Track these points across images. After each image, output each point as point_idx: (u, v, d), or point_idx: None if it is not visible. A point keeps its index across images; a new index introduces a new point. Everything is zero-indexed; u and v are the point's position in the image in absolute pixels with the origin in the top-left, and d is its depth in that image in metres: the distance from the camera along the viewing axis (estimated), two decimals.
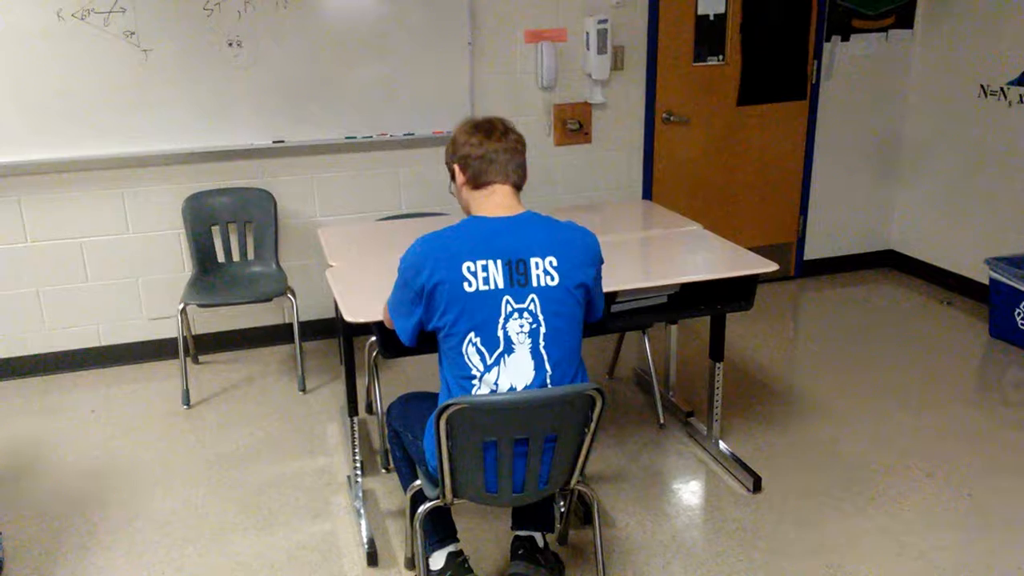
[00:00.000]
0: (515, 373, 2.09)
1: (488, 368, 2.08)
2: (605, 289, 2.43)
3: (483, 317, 2.06)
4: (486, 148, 2.16)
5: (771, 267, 2.83)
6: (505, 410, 2.03)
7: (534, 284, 2.08)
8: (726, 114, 4.77)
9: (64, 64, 3.65)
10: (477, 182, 2.18)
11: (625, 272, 2.83)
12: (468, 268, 2.05)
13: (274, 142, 4.01)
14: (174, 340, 4.05)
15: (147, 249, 4.06)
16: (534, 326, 2.08)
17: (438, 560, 2.41)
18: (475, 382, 2.09)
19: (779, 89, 4.82)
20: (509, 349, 2.07)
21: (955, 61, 4.73)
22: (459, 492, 2.17)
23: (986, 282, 4.44)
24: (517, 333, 2.07)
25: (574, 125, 4.48)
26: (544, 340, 2.09)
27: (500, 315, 2.06)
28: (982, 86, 4.57)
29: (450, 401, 1.97)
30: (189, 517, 2.92)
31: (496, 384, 2.08)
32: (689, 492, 3.03)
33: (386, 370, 3.98)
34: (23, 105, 3.65)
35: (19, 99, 3.64)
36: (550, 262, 2.09)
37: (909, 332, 4.41)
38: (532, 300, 2.08)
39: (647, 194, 4.76)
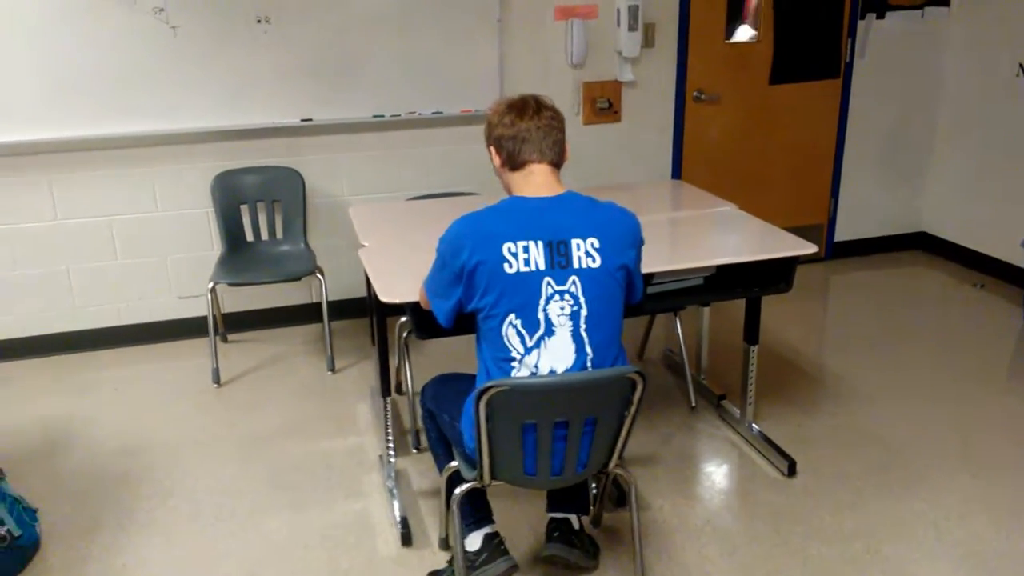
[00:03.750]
0: (555, 356, 2.06)
1: (528, 350, 2.05)
2: (646, 271, 2.40)
3: (524, 299, 2.03)
4: (519, 128, 2.13)
5: (810, 248, 2.78)
6: (546, 392, 2.01)
7: (575, 266, 2.05)
8: (758, 93, 4.70)
9: (92, 41, 3.64)
10: (513, 163, 2.15)
11: (661, 253, 2.79)
12: (509, 249, 2.02)
13: (302, 120, 3.99)
14: (203, 319, 4.05)
15: (176, 228, 4.06)
16: (575, 308, 2.05)
17: (474, 541, 2.40)
18: (515, 364, 2.07)
19: (812, 67, 4.74)
20: (550, 331, 2.05)
21: (992, 39, 4.62)
22: (497, 474, 2.16)
23: (1021, 265, 4.37)
24: (558, 315, 2.04)
25: (603, 103, 4.43)
26: (585, 323, 2.06)
27: (541, 297, 2.03)
28: (1021, 65, 4.47)
29: (490, 383, 1.95)
30: (221, 496, 2.93)
31: (536, 367, 2.06)
32: (722, 475, 3.01)
33: (416, 351, 3.97)
34: (51, 83, 3.64)
35: (47, 77, 3.63)
36: (592, 243, 2.06)
37: (942, 315, 4.35)
38: (573, 282, 2.05)
39: (676, 174, 4.70)
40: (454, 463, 2.33)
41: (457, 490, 2.26)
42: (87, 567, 2.59)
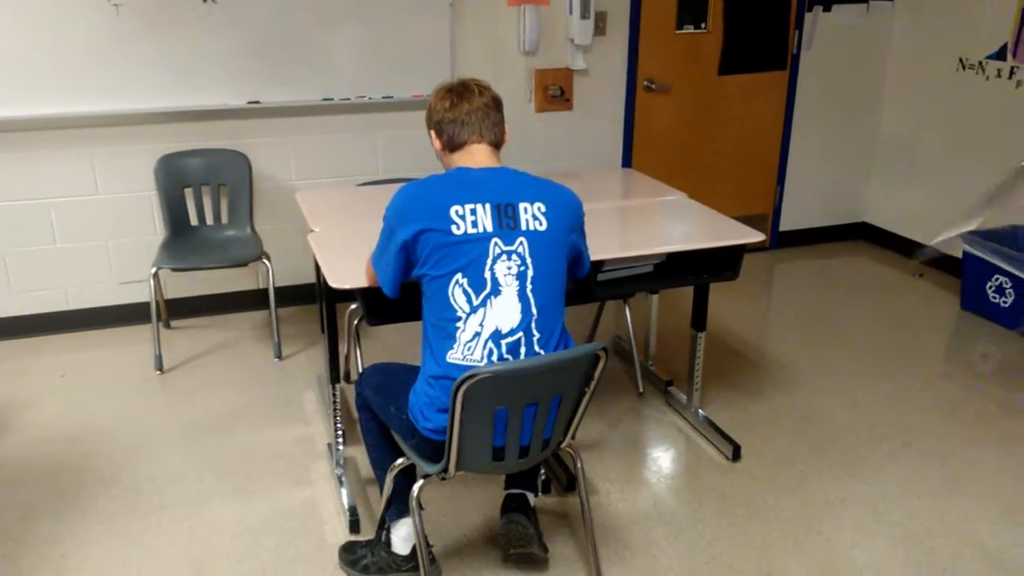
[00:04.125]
0: (501, 315, 2.06)
1: (475, 309, 2.06)
2: (593, 257, 2.41)
3: (470, 259, 2.04)
4: (458, 111, 2.16)
5: (758, 237, 2.83)
6: (523, 376, 2.00)
7: (523, 228, 2.07)
8: (707, 83, 4.75)
9: (31, 18, 3.51)
10: (453, 145, 2.18)
11: (611, 241, 2.81)
12: (456, 212, 2.04)
13: (249, 103, 3.92)
14: (145, 304, 3.97)
15: (117, 211, 3.95)
16: (522, 269, 2.07)
17: (403, 542, 2.41)
18: (459, 324, 2.07)
19: (760, 59, 4.80)
20: (496, 290, 2.06)
21: (934, 34, 4.74)
22: (462, 464, 2.12)
23: (957, 255, 4.50)
24: (504, 275, 2.06)
25: (555, 91, 4.43)
26: (532, 283, 2.08)
27: (488, 257, 2.05)
28: (960, 59, 4.59)
29: (472, 372, 1.92)
30: (165, 484, 2.88)
31: (481, 326, 2.06)
32: (669, 460, 3.05)
33: (366, 337, 3.94)
34: None
35: None
36: (538, 208, 2.09)
37: (882, 303, 4.46)
38: (521, 243, 2.07)
39: (627, 162, 4.73)
40: (400, 460, 2.30)
41: (415, 487, 2.23)
42: (22, 557, 2.52)
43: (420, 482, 2.23)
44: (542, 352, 2.11)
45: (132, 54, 3.69)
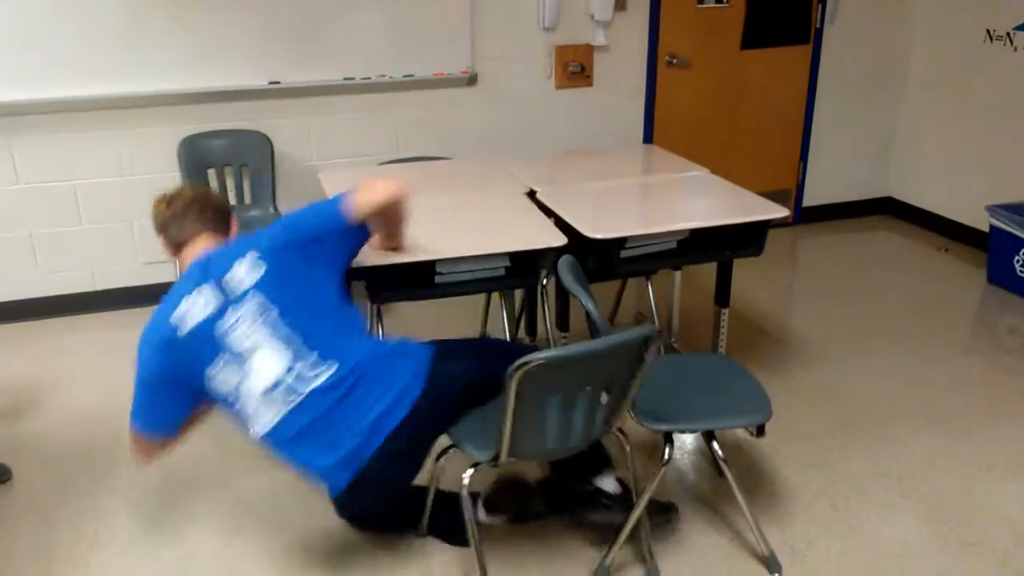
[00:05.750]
0: (265, 368, 2.07)
1: (241, 381, 2.09)
2: (615, 235, 2.41)
3: (213, 348, 2.07)
4: (172, 209, 2.25)
5: (782, 212, 2.81)
6: (577, 361, 1.96)
7: (248, 285, 2.09)
8: (729, 58, 4.71)
9: (55, 1, 3.54)
10: (178, 244, 2.26)
11: (634, 217, 2.80)
12: (180, 313, 2.08)
13: (270, 83, 3.93)
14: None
15: (141, 192, 3.99)
16: (270, 315, 2.09)
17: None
18: (237, 400, 2.10)
19: (783, 33, 4.74)
20: (250, 353, 2.07)
21: (961, 5, 4.66)
22: (515, 450, 2.08)
23: (984, 229, 4.45)
24: (248, 337, 2.08)
25: (576, 68, 4.41)
26: (286, 318, 2.09)
27: (226, 333, 2.07)
28: (988, 31, 4.51)
29: (525, 360, 1.86)
30: (194, 461, 2.91)
31: (251, 389, 2.08)
32: (692, 437, 3.05)
33: (387, 316, 3.96)
34: (12, 44, 3.54)
35: (7, 38, 3.53)
36: (252, 256, 2.13)
37: (907, 278, 4.42)
38: (253, 297, 2.09)
39: (648, 139, 4.71)
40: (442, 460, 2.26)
41: (466, 477, 2.19)
42: (56, 532, 2.57)
43: (470, 471, 2.18)
44: (329, 372, 2.09)
45: (154, 35, 3.70)
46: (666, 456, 2.33)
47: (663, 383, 2.44)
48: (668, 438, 2.35)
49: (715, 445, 2.39)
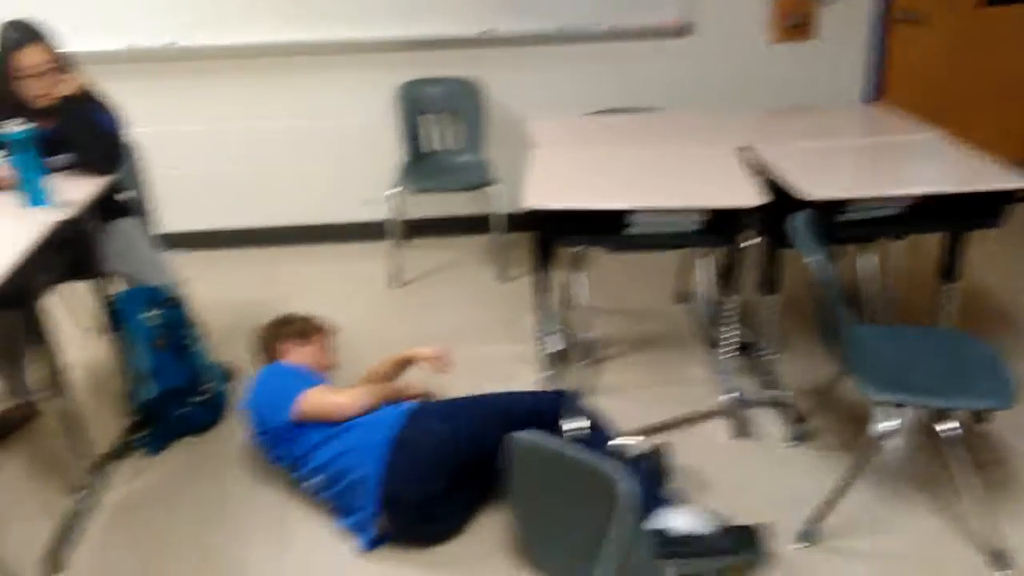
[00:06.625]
0: None
1: None
2: (834, 196, 2.28)
3: None
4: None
5: None
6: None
7: None
8: (971, 14, 4.29)
9: None
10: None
11: (857, 179, 2.64)
12: None
13: (483, 32, 4.00)
14: (380, 224, 4.22)
15: (359, 134, 4.21)
16: None
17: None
18: None
19: None
20: None
21: None
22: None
23: None
24: None
25: (797, 20, 4.18)
26: None
27: None
28: None
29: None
30: None
31: None
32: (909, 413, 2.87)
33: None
34: None
35: None
36: None
37: None
38: None
39: (873, 97, 4.40)
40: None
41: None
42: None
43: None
44: None
45: None
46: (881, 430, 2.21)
47: (889, 353, 2.31)
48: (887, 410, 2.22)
49: (947, 425, 2.24)
